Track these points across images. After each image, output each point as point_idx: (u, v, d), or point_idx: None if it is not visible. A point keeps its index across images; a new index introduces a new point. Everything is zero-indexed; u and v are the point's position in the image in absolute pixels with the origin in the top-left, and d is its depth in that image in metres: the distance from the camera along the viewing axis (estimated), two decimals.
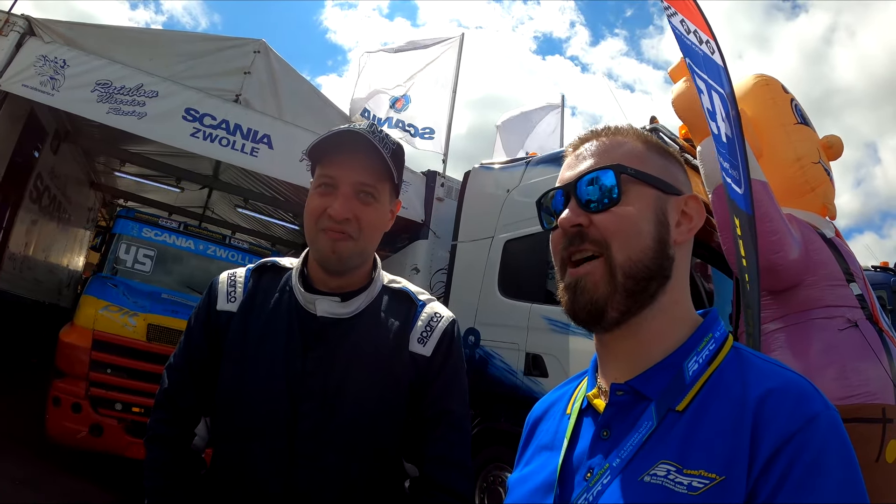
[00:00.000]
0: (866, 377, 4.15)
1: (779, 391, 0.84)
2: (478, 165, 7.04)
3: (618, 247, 0.97)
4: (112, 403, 5.67)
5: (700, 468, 0.82)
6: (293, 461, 1.46)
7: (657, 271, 0.97)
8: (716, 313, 1.03)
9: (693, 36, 4.23)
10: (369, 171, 1.53)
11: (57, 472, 5.76)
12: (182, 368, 1.65)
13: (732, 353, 0.95)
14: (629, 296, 0.96)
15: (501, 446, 5.51)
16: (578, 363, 5.04)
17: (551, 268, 4.22)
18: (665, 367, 0.95)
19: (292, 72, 8.38)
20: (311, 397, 1.48)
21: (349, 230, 1.51)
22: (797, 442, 0.78)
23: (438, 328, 1.63)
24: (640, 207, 0.99)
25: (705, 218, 1.03)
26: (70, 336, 5.84)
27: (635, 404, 0.95)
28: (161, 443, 1.62)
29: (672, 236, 1.00)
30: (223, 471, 1.53)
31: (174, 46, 7.39)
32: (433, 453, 1.54)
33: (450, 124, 9.18)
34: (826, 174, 5.19)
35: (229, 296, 1.64)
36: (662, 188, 1.01)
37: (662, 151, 1.07)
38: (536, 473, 1.06)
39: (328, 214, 1.50)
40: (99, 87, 6.16)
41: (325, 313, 1.55)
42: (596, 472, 0.92)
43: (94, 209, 13.34)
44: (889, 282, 10.64)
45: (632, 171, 1.00)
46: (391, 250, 8.00)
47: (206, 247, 7.85)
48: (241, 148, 6.87)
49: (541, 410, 1.22)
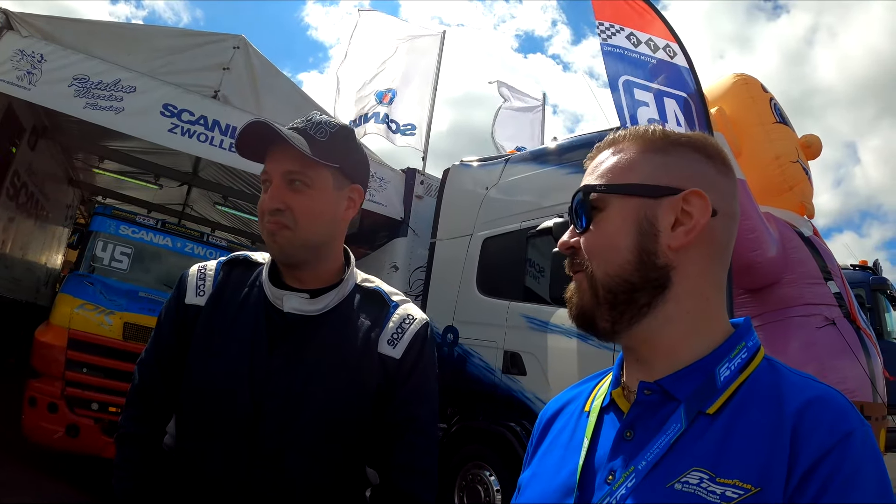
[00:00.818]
0: (844, 375, 4.21)
1: (817, 404, 0.83)
2: (458, 163, 7.05)
3: (596, 264, 0.97)
4: (88, 403, 5.62)
5: (735, 477, 0.79)
6: (252, 461, 1.43)
7: (641, 283, 0.94)
8: (749, 322, 0.99)
9: (644, 47, 4.28)
10: (296, 158, 1.49)
11: (33, 473, 5.71)
12: (152, 364, 1.62)
13: (765, 363, 0.93)
14: (612, 308, 0.95)
15: (480, 444, 5.53)
16: (557, 361, 5.08)
17: (530, 265, 4.24)
18: (695, 370, 0.92)
19: (272, 68, 8.33)
20: (274, 396, 1.45)
21: (283, 220, 1.48)
22: (835, 456, 0.77)
23: (410, 330, 1.59)
24: (619, 221, 0.96)
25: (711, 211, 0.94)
26: (46, 335, 5.78)
27: (663, 405, 0.92)
28: (131, 441, 1.59)
29: (663, 242, 0.94)
30: (183, 470, 1.51)
31: (153, 41, 7.32)
32: (398, 461, 1.51)
33: (430, 122, 9.18)
34: (804, 173, 5.25)
35: (198, 289, 1.61)
36: (648, 194, 0.96)
37: (666, 147, 1.00)
38: (553, 473, 1.02)
39: (262, 209, 1.50)
40: (76, 82, 6.07)
41: (292, 310, 1.52)
42: (619, 475, 0.89)
43: (73, 206, 13.20)
44: (867, 280, 10.76)
45: (602, 188, 0.99)
46: (370, 248, 7.98)
47: (184, 244, 7.78)
48: (220, 144, 6.80)
49: (555, 408, 1.18)
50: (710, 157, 0.99)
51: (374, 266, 7.48)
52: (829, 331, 4.42)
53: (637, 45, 4.25)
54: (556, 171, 5.69)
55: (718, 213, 0.95)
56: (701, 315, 0.95)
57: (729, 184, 1.00)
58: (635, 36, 4.29)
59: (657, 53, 4.31)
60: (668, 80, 4.20)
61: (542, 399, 5.15)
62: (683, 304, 0.95)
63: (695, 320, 0.95)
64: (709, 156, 0.99)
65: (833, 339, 4.35)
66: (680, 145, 1.00)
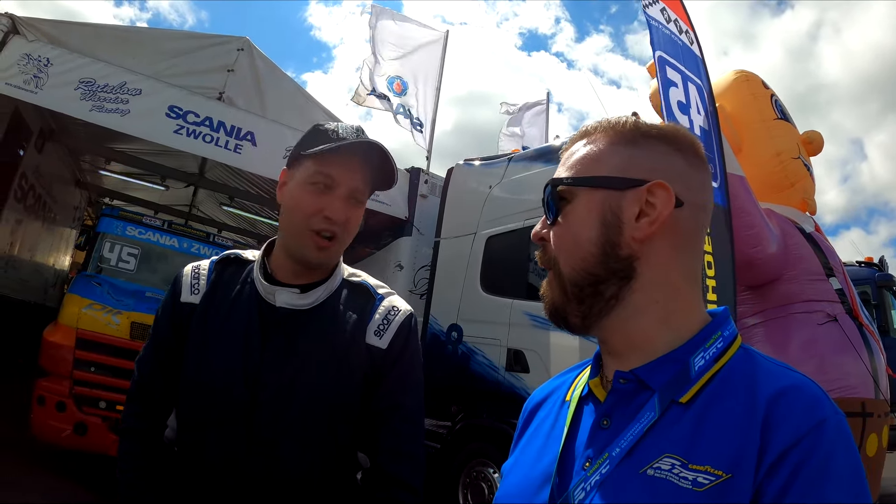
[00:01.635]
0: (846, 371, 4.19)
1: (790, 392, 0.83)
2: (461, 162, 7.08)
3: (562, 260, 0.99)
4: (96, 402, 5.68)
5: (706, 464, 0.80)
6: (249, 449, 1.48)
7: (606, 275, 0.95)
8: (727, 312, 1.00)
9: (673, 25, 4.26)
10: (365, 176, 1.58)
11: (40, 472, 5.76)
12: (151, 361, 1.68)
13: (741, 353, 0.94)
14: (580, 302, 0.97)
15: (484, 442, 5.55)
16: (560, 358, 5.09)
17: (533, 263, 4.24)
18: (670, 360, 0.93)
19: (276, 70, 8.39)
20: (267, 387, 1.50)
21: (337, 231, 1.54)
22: (806, 444, 0.77)
23: (395, 321, 1.66)
24: (585, 213, 0.98)
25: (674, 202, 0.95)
26: (54, 335, 5.84)
27: (638, 394, 0.94)
28: (133, 436, 1.66)
29: (627, 234, 0.95)
30: (183, 460, 1.57)
31: (158, 44, 7.40)
32: (385, 445, 1.58)
33: (434, 121, 9.21)
34: (806, 169, 5.22)
35: (192, 288, 1.66)
36: (614, 186, 0.97)
37: (635, 139, 1.01)
38: (534, 461, 1.04)
39: (325, 216, 1.52)
40: (82, 85, 6.15)
41: (284, 304, 1.57)
42: (595, 462, 0.91)
43: (80, 208, 13.28)
44: (873, 277, 10.68)
45: (567, 180, 1.01)
46: (375, 247, 8.02)
47: (190, 245, 7.83)
48: (225, 145, 6.87)
49: (540, 397, 1.20)
50: (681, 150, 1.01)
51: (379, 265, 7.52)
52: (830, 327, 4.40)
53: (668, 22, 4.24)
54: None
55: (685, 204, 0.96)
56: (671, 305, 0.97)
57: (699, 175, 1.01)
58: (667, 12, 4.28)
59: (682, 36, 4.31)
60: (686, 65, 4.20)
61: None
62: (651, 294, 0.96)
63: (665, 310, 0.96)
64: (679, 148, 1.01)
65: (835, 336, 4.33)
66: (650, 137, 1.00)
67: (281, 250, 1.64)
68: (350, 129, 1.59)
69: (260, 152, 7.05)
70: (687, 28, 4.41)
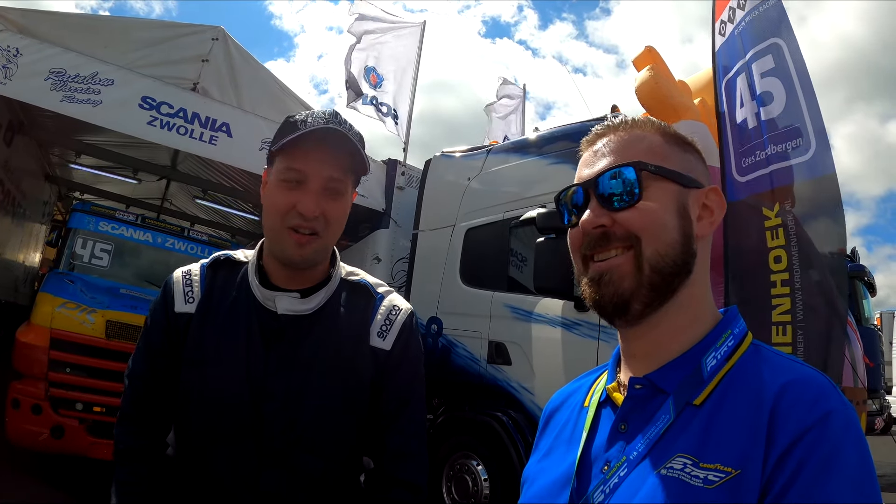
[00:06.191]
0: None
1: (796, 386, 0.84)
2: (439, 154, 7.04)
3: (647, 241, 0.96)
4: (73, 403, 5.59)
5: (716, 462, 0.82)
6: (261, 462, 1.45)
7: (682, 266, 0.97)
8: (736, 310, 1.02)
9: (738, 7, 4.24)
10: (338, 164, 1.49)
11: (19, 475, 5.66)
12: (145, 376, 1.58)
13: (751, 350, 0.95)
14: (653, 289, 0.96)
15: (466, 435, 5.56)
16: (541, 350, 5.12)
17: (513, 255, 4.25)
18: (683, 362, 0.95)
19: (251, 59, 8.26)
20: (274, 397, 1.46)
21: (317, 227, 1.47)
22: (812, 437, 0.78)
23: (397, 321, 1.63)
24: (663, 203, 0.98)
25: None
26: (27, 335, 5.72)
27: (653, 398, 0.95)
28: (134, 456, 1.55)
29: (694, 231, 0.99)
30: (189, 478, 1.51)
31: (130, 34, 7.23)
32: (391, 446, 1.56)
33: (410, 112, 9.14)
34: None
35: (186, 296, 1.58)
36: (683, 182, 1.00)
37: (682, 143, 1.06)
38: (555, 466, 1.06)
39: (298, 212, 1.45)
40: (53, 76, 5.99)
41: (285, 311, 1.52)
42: (613, 465, 0.93)
43: (50, 203, 12.98)
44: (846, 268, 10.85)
45: (652, 168, 0.99)
46: (352, 240, 7.96)
47: (164, 239, 7.72)
48: (200, 136, 6.75)
49: (558, 402, 1.22)
50: (703, 160, 1.07)
51: (357, 258, 7.46)
52: None
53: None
54: (537, 161, 5.70)
55: None
56: (703, 302, 1.01)
57: None
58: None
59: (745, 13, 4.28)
60: (751, 42, 4.17)
61: (527, 388, 5.19)
62: (695, 290, 1.00)
63: (697, 307, 1.00)
64: (702, 158, 1.07)
65: None
66: (688, 144, 1.06)
67: (269, 254, 1.58)
68: (320, 116, 1.50)
69: (235, 143, 6.95)
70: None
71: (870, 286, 11.18)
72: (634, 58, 4.86)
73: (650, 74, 4.51)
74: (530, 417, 5.09)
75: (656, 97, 4.48)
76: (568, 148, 5.18)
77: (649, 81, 4.51)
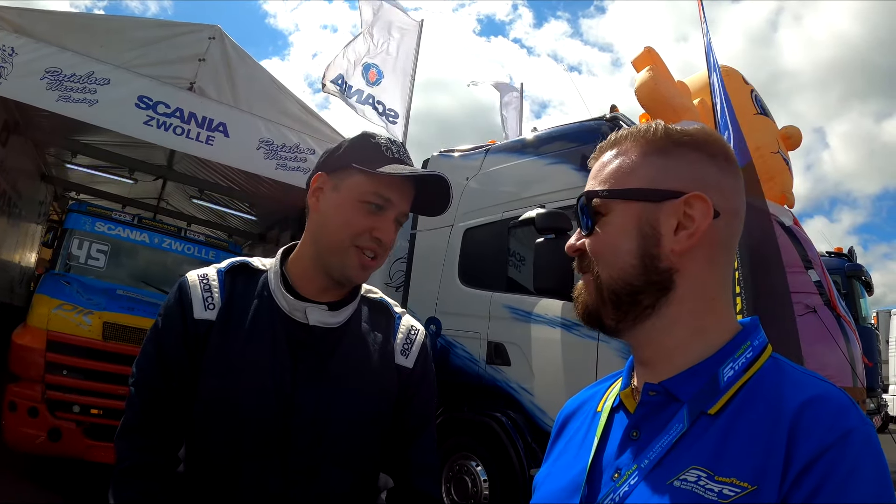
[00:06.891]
0: (825, 361, 4.29)
1: (816, 402, 0.82)
2: (437, 153, 7.02)
3: (601, 266, 1.00)
4: (70, 406, 5.54)
5: (732, 476, 0.80)
6: (288, 478, 1.41)
7: (644, 286, 0.96)
8: (756, 322, 1.00)
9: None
10: (411, 201, 1.59)
11: (16, 479, 5.65)
12: (158, 387, 1.47)
13: (770, 363, 0.93)
14: (616, 307, 0.98)
15: (465, 436, 5.54)
16: (541, 351, 5.10)
17: (511, 256, 4.24)
18: (700, 371, 0.94)
19: (248, 59, 8.20)
20: (302, 410, 1.44)
21: (380, 252, 1.52)
22: (831, 455, 0.77)
23: (417, 341, 1.69)
24: (620, 226, 0.98)
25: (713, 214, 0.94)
26: (23, 338, 5.67)
27: (667, 406, 0.94)
28: (145, 473, 1.43)
29: (666, 246, 0.95)
30: (205, 497, 1.42)
31: (127, 33, 7.16)
32: (414, 462, 1.60)
33: (408, 113, 9.10)
34: (785, 163, 5.32)
35: (206, 302, 1.50)
36: (650, 198, 0.97)
37: (667, 148, 1.00)
38: (565, 471, 1.05)
39: (375, 237, 1.48)
40: (49, 75, 5.96)
41: (317, 322, 1.50)
42: (623, 473, 0.92)
43: (46, 203, 12.93)
44: (843, 267, 10.96)
45: (604, 193, 1.00)
46: None
47: (161, 240, 7.69)
48: (196, 136, 6.72)
49: (572, 408, 1.21)
50: (713, 156, 0.99)
51: None
52: (809, 318, 4.49)
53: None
54: (536, 161, 5.68)
55: (721, 214, 0.95)
56: (705, 315, 0.97)
57: (733, 181, 1.00)
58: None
59: None
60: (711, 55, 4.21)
61: (526, 389, 5.17)
62: (687, 305, 0.96)
63: (699, 320, 0.97)
64: (711, 154, 0.99)
65: (814, 327, 4.42)
66: (682, 145, 1.00)
67: (311, 264, 1.55)
68: (399, 146, 1.57)
69: (232, 143, 6.92)
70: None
71: (867, 285, 11.24)
72: (634, 59, 4.87)
73: (650, 75, 4.52)
74: (530, 418, 5.07)
75: (656, 98, 4.49)
76: (565, 148, 5.18)
77: (649, 82, 4.52)
